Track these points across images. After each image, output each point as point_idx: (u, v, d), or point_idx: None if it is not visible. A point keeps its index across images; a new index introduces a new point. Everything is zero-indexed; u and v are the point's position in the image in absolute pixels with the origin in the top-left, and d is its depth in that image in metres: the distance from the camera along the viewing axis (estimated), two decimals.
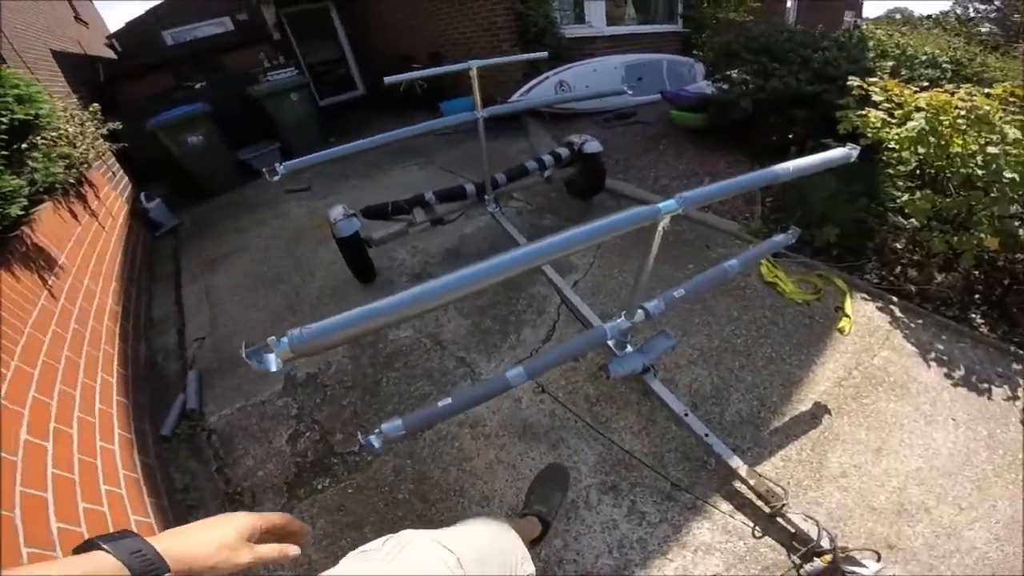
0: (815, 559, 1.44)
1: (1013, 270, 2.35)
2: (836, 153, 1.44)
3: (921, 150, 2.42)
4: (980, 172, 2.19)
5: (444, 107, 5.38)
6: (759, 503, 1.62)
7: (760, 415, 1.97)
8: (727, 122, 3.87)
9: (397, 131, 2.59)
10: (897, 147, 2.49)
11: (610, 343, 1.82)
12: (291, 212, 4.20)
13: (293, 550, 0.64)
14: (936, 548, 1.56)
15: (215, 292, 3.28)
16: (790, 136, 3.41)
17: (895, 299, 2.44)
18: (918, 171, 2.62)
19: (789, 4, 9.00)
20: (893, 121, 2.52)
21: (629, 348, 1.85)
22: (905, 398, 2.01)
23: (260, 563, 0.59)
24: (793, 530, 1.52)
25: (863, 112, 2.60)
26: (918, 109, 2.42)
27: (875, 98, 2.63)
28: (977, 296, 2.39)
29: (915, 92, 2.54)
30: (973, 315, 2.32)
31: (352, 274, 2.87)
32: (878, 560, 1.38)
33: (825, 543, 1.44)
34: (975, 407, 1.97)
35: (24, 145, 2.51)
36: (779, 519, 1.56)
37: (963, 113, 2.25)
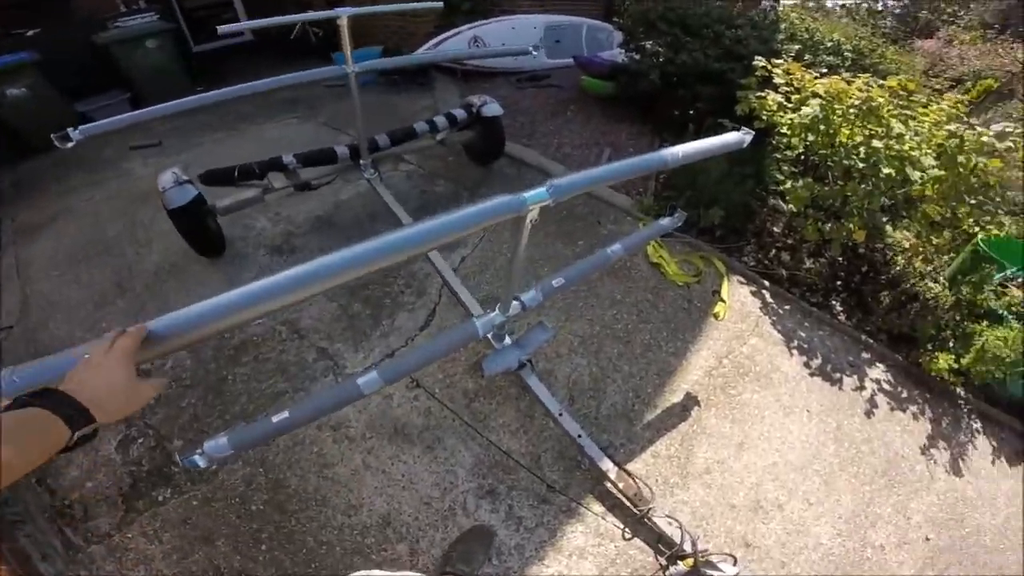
0: (679, 562, 1.46)
1: (872, 258, 2.45)
2: (729, 138, 1.38)
3: (810, 137, 2.41)
4: (860, 165, 2.20)
5: (336, 57, 4.77)
6: (629, 504, 1.61)
7: (634, 408, 1.94)
8: (636, 93, 3.74)
9: (249, 84, 2.17)
10: (788, 132, 2.46)
11: (488, 335, 1.68)
12: (134, 171, 3.52)
13: (163, 380, 0.78)
14: (787, 545, 1.62)
15: (29, 267, 2.68)
16: (691, 112, 3.34)
17: (767, 284, 2.49)
18: (803, 157, 2.63)
19: None
20: (789, 106, 2.48)
21: (508, 340, 1.74)
22: (768, 388, 2.04)
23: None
24: (659, 532, 1.53)
25: (761, 94, 2.54)
26: (815, 95, 2.39)
27: (776, 80, 2.58)
28: (839, 283, 2.49)
29: (815, 78, 2.51)
30: (834, 302, 2.41)
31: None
32: (734, 564, 1.41)
33: (687, 546, 1.46)
34: (828, 397, 2.06)
35: None
36: (646, 521, 1.56)
37: (856, 103, 2.24)
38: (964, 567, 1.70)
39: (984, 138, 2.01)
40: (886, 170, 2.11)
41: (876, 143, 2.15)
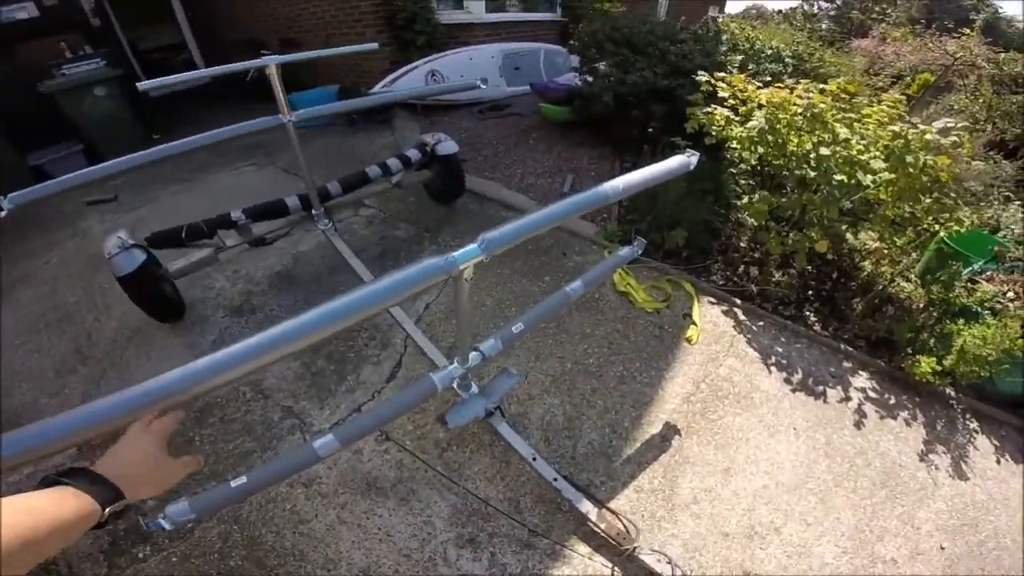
0: None
1: (840, 264, 2.44)
2: (674, 163, 1.37)
3: (760, 150, 2.41)
4: (812, 174, 2.20)
5: (291, 99, 4.76)
6: (615, 543, 1.55)
7: (612, 444, 1.87)
8: (591, 116, 3.77)
9: (186, 140, 2.10)
10: (738, 146, 2.47)
11: (453, 385, 1.64)
12: (91, 230, 3.43)
13: (199, 457, 0.78)
14: (790, 569, 1.55)
15: None
16: (648, 130, 3.36)
17: (738, 301, 2.45)
18: (759, 169, 2.63)
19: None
20: (736, 119, 2.49)
21: (475, 388, 1.70)
22: (750, 409, 1.99)
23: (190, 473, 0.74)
24: (649, 570, 1.47)
25: (709, 110, 2.55)
26: (760, 106, 2.40)
27: (721, 94, 2.59)
28: (810, 293, 2.46)
29: (758, 88, 2.53)
30: (807, 312, 2.38)
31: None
32: None
33: None
34: (813, 413, 2.00)
35: None
36: (634, 558, 1.51)
37: (800, 111, 2.25)
38: (988, 572, 1.64)
39: (928, 136, 2.02)
40: (838, 177, 2.11)
41: (824, 150, 2.15)
